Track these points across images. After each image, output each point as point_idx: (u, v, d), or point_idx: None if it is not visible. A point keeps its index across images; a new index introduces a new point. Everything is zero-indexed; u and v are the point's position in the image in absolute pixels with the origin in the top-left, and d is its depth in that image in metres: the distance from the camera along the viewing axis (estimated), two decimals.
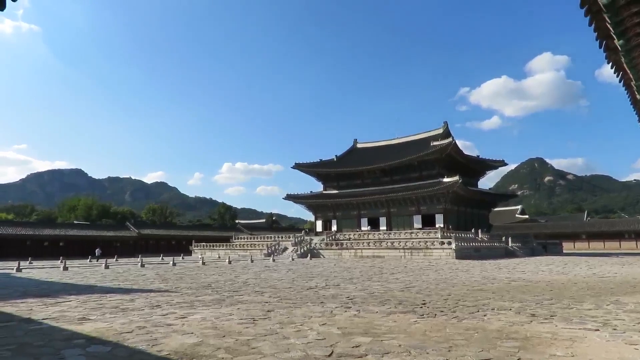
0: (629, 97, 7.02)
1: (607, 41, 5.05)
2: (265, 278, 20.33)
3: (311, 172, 70.27)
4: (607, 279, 18.62)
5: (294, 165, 69.52)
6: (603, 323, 8.35)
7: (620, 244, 75.54)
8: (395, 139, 70.89)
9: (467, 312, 9.78)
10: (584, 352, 6.16)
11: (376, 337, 7.23)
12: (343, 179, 66.76)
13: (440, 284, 16.91)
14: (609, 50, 5.28)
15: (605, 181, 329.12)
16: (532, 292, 13.88)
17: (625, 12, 4.13)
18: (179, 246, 69.55)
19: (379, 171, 62.18)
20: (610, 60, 5.65)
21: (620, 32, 4.42)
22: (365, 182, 64.32)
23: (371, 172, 63.15)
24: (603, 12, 4.17)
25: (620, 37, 4.58)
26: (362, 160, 65.65)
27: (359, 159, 67.71)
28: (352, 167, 64.74)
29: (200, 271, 25.99)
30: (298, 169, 69.85)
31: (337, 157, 71.50)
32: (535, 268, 26.47)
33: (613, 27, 4.35)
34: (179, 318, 9.26)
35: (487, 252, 43.91)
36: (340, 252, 46.73)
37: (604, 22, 4.43)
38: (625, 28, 4.43)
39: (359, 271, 24.71)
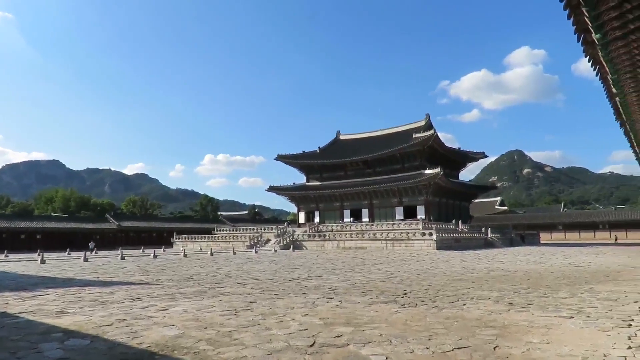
0: (605, 90, 7.16)
1: (585, 35, 5.12)
2: (248, 270, 20.28)
3: (294, 164, 70.11)
4: (582, 269, 19.12)
5: (277, 157, 69.28)
6: (577, 311, 8.58)
7: (594, 235, 77.59)
8: (378, 131, 71.15)
9: (447, 302, 9.94)
10: (559, 339, 6.32)
11: (358, 327, 7.29)
12: (326, 170, 66.83)
13: (421, 274, 17.12)
14: (586, 44, 5.37)
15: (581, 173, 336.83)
16: (510, 281, 14.17)
17: (603, 6, 4.20)
18: (160, 238, 68.81)
19: (362, 163, 62.40)
20: (588, 54, 5.74)
21: (597, 25, 4.49)
22: (348, 173, 64.50)
23: (354, 164, 63.34)
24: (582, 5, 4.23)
25: (598, 31, 4.65)
26: (345, 152, 65.77)
27: (341, 150, 67.80)
28: (335, 158, 64.83)
29: (181, 263, 25.78)
30: (281, 160, 69.61)
31: (320, 148, 71.47)
32: (514, 258, 27.01)
33: (591, 20, 4.42)
34: (160, 310, 9.18)
35: (467, 242, 44.61)
36: (322, 243, 46.88)
37: (582, 16, 4.49)
38: (602, 22, 4.50)
39: (342, 262, 24.85)
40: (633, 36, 4.88)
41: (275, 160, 69.69)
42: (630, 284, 13.08)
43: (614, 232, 74.08)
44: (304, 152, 71.11)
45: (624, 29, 4.70)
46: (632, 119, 8.09)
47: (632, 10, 4.45)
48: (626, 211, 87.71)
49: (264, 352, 5.87)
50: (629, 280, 14.31)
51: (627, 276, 15.60)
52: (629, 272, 17.01)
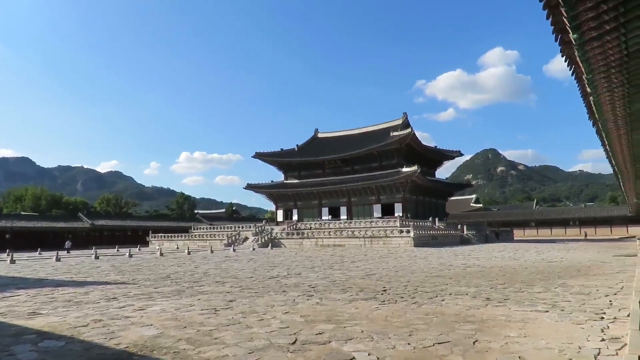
0: (580, 90, 7.35)
1: (562, 35, 5.24)
2: (226, 268, 20.11)
3: (272, 162, 69.83)
4: (555, 264, 19.63)
5: (255, 155, 68.91)
6: (552, 305, 8.79)
7: (565, 231, 79.83)
8: (356, 129, 71.48)
9: (426, 298, 10.05)
10: (536, 333, 6.47)
11: (339, 324, 7.30)
12: (304, 168, 66.78)
13: (399, 271, 17.27)
14: (563, 44, 5.49)
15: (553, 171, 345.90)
16: (486, 277, 14.43)
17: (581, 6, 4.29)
18: (136, 237, 67.59)
19: (340, 161, 62.62)
20: (564, 53, 5.87)
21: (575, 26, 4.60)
22: (326, 171, 64.59)
23: (332, 162, 63.49)
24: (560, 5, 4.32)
25: (575, 31, 4.76)
26: (323, 150, 65.86)
27: (320, 148, 67.86)
28: (313, 156, 64.88)
29: (158, 262, 25.38)
30: (259, 158, 69.25)
31: (298, 146, 71.36)
32: (489, 255, 27.54)
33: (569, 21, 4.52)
34: (137, 310, 9.00)
35: (443, 239, 45.28)
36: (301, 241, 46.85)
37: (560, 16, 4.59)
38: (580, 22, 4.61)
39: (320, 260, 24.87)
40: (608, 37, 5.02)
41: (253, 158, 69.42)
42: (600, 279, 13.50)
43: (584, 228, 76.37)
44: (282, 150, 70.93)
45: (600, 30, 4.82)
46: (604, 118, 8.33)
47: (608, 12, 4.58)
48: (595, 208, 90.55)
49: (246, 350, 5.82)
50: (599, 274, 14.77)
51: (597, 271, 16.08)
52: (598, 267, 17.55)
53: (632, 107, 7.91)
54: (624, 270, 15.88)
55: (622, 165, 14.28)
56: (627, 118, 8.45)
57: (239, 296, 10.81)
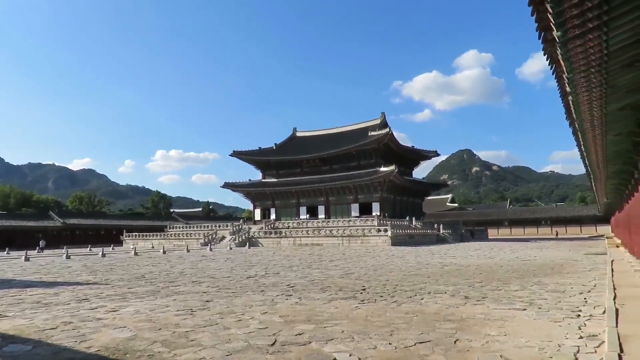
0: (559, 89, 7.40)
1: (546, 33, 5.23)
2: (203, 268, 19.78)
3: (250, 160, 69.30)
4: (529, 262, 19.98)
5: (232, 153, 68.22)
6: (529, 303, 8.87)
7: (537, 230, 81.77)
8: (335, 128, 71.57)
9: (406, 297, 10.02)
10: (515, 331, 6.48)
11: (319, 324, 7.18)
12: (282, 167, 66.48)
13: (378, 270, 17.28)
14: (546, 42, 5.49)
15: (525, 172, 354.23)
16: (463, 276, 14.55)
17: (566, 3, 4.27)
18: (109, 237, 66.10)
19: (318, 160, 62.56)
20: (546, 52, 5.88)
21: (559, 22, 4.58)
22: (304, 170, 64.44)
23: (310, 161, 63.39)
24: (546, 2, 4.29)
25: (559, 28, 4.74)
26: (302, 149, 65.67)
27: (298, 147, 67.65)
28: (291, 155, 64.64)
29: (132, 262, 24.83)
30: (236, 156, 68.61)
31: (277, 145, 71.01)
32: (465, 253, 27.90)
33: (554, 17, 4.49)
34: (110, 312, 8.68)
35: (420, 238, 45.71)
36: (279, 240, 46.59)
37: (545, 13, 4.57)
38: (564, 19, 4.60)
39: (299, 259, 24.76)
40: (590, 35, 5.02)
41: (231, 157, 68.79)
42: (573, 276, 13.76)
43: (555, 227, 78.40)
44: (260, 148, 70.43)
45: (583, 28, 4.82)
46: (582, 118, 8.42)
47: (592, 9, 4.57)
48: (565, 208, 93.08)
49: (223, 352, 5.63)
50: (572, 272, 15.07)
51: (570, 269, 16.42)
52: (571, 265, 17.93)
53: (609, 108, 8.03)
54: (595, 268, 16.25)
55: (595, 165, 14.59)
56: (602, 119, 8.58)
57: (216, 296, 10.58)
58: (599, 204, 44.96)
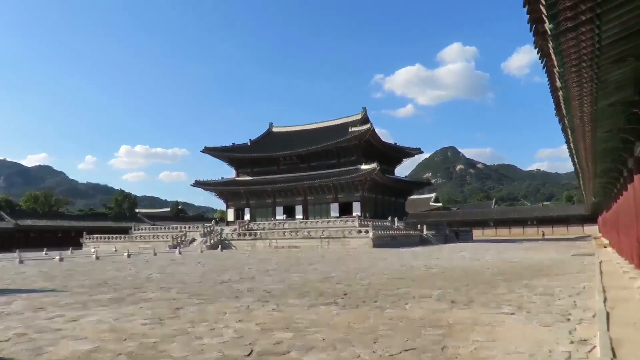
0: (549, 84, 7.54)
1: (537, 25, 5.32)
2: (172, 272, 19.55)
3: (223, 157, 68.79)
4: (516, 264, 20.40)
5: (204, 149, 67.64)
6: (517, 307, 9.03)
7: (524, 230, 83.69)
8: (313, 124, 71.65)
9: (389, 302, 10.08)
10: (505, 337, 6.58)
11: (298, 332, 7.14)
12: (257, 164, 66.18)
13: (359, 273, 17.36)
14: (537, 34, 5.57)
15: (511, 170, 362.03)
16: (449, 279, 14.74)
17: None
18: (68, 239, 64.50)
19: (296, 157, 62.49)
20: (537, 45, 5.98)
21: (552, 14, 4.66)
22: (281, 168, 64.30)
23: (287, 158, 63.27)
24: None
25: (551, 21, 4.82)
26: (278, 145, 65.50)
27: (274, 143, 67.46)
28: (267, 152, 64.39)
29: (94, 267, 24.35)
30: (208, 153, 68.01)
31: (252, 141, 70.67)
32: (450, 255, 28.29)
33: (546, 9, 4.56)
34: (70, 321, 8.45)
35: (403, 240, 46.18)
36: (254, 242, 46.39)
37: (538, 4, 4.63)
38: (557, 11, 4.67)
39: (275, 262, 24.71)
40: (583, 28, 5.13)
41: (202, 153, 68.34)
42: (562, 279, 14.10)
43: (542, 227, 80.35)
44: (233, 144, 70.00)
45: (576, 20, 4.92)
46: (571, 114, 8.61)
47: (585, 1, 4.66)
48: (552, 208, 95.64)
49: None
50: (560, 274, 15.44)
51: (557, 271, 16.83)
52: (558, 267, 18.38)
53: (599, 104, 8.23)
54: (583, 270, 16.69)
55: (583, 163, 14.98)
56: (592, 115, 8.79)
57: (187, 303, 10.44)
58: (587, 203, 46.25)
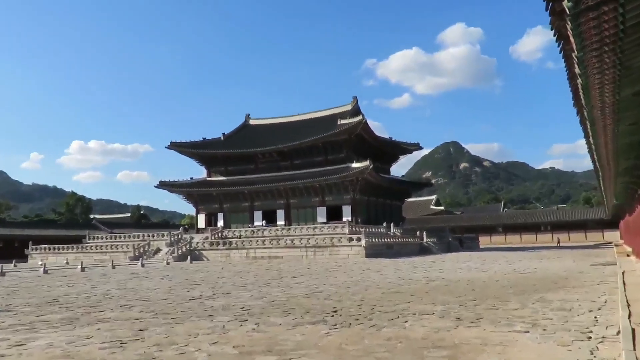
0: (567, 70, 7.65)
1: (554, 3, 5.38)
2: (134, 288, 19.46)
3: (192, 154, 68.49)
4: (528, 275, 20.66)
5: (170, 145, 67.25)
6: (532, 324, 9.15)
7: (536, 237, 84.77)
8: (297, 116, 71.74)
9: (386, 319, 10.14)
10: (518, 358, 6.65)
11: (283, 356, 7.14)
12: (232, 162, 66.00)
13: (351, 287, 17.44)
14: (554, 14, 5.65)
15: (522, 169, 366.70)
16: (453, 292, 14.87)
17: None
18: (10, 250, 63.56)
19: (277, 154, 62.45)
20: (554, 26, 6.06)
21: None
22: (259, 166, 64.24)
23: (267, 155, 63.20)
24: None
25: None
26: (256, 140, 65.41)
27: (252, 138, 67.37)
28: (243, 148, 64.22)
29: (42, 282, 24.11)
30: (174, 149, 67.63)
31: (225, 135, 70.48)
32: (453, 265, 28.56)
33: None
34: (15, 346, 8.35)
35: (400, 248, 46.47)
36: (228, 252, 46.34)
37: None
38: None
39: (254, 275, 24.76)
40: (605, 7, 5.20)
41: (168, 150, 67.96)
42: (580, 291, 14.32)
43: (556, 233, 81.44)
44: (204, 139, 69.74)
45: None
46: (591, 104, 8.74)
47: None
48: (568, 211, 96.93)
49: None
50: (578, 287, 15.67)
51: (575, 282, 17.08)
52: (576, 278, 18.65)
53: (622, 93, 8.36)
54: (604, 282, 16.97)
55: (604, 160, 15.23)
56: (615, 106, 8.92)
57: (152, 323, 10.37)
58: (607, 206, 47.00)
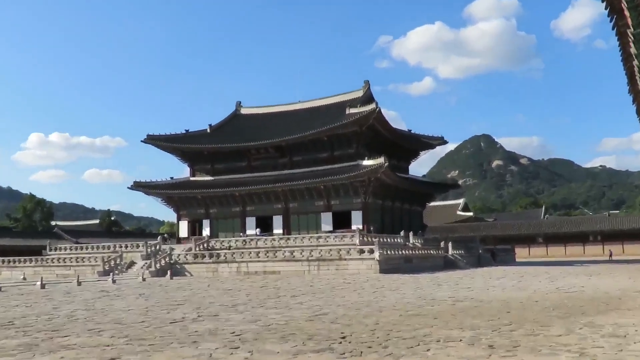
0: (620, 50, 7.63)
1: None
2: (103, 309, 19.50)
3: (173, 149, 68.53)
4: (574, 295, 20.60)
5: (146, 139, 67.32)
6: (579, 353, 9.12)
7: (584, 249, 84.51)
8: (297, 104, 71.60)
9: (405, 347, 10.12)
10: None
11: None
12: (220, 159, 66.01)
13: (362, 308, 17.43)
14: None
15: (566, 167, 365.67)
16: (484, 315, 14.83)
17: None
18: None
19: (273, 149, 62.41)
20: None
21: None
22: (253, 164, 64.23)
23: (262, 151, 63.18)
24: None
25: None
26: (249, 133, 65.36)
27: (244, 130, 67.35)
28: (233, 142, 64.13)
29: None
30: (151, 143, 67.74)
31: (212, 127, 70.46)
32: (485, 283, 28.51)
33: None
34: None
35: (421, 262, 46.44)
36: (216, 266, 46.36)
37: None
38: None
39: (246, 294, 24.79)
40: None
41: (144, 144, 67.94)
42: (637, 314, 14.27)
43: (608, 244, 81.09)
44: (187, 132, 69.69)
45: None
46: None
47: None
48: (622, 218, 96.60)
49: None
50: (635, 309, 15.62)
51: (631, 304, 17.02)
52: (633, 299, 18.60)
53: None
54: None
55: None
56: None
57: (125, 351, 10.39)
58: None
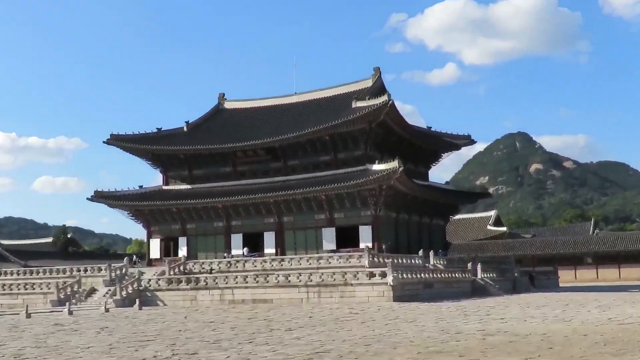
0: None
1: None
2: (57, 346, 19.40)
3: (142, 152, 68.46)
4: (631, 327, 20.45)
5: (109, 139, 67.24)
6: None
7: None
8: (293, 96, 71.51)
9: None
10: None
11: None
12: (200, 163, 65.97)
13: (372, 344, 17.29)
14: None
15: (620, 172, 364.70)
16: (521, 352, 14.72)
17: None
18: None
19: (264, 151, 62.37)
20: None
21: None
22: (239, 170, 64.19)
23: (250, 153, 63.11)
24: None
25: None
26: (235, 132, 65.33)
27: (228, 128, 67.32)
28: (216, 143, 64.09)
29: None
30: (116, 144, 67.64)
31: (190, 124, 70.43)
32: (521, 313, 28.34)
33: None
34: None
35: (444, 288, 46.27)
36: (194, 294, 46.18)
37: None
38: None
39: (231, 327, 24.65)
40: None
41: (107, 145, 67.71)
42: None
43: None
44: (159, 130, 69.65)
45: None
46: None
47: None
48: None
49: None
50: None
51: None
52: None
53: None
54: None
55: None
56: None
57: None
58: None
